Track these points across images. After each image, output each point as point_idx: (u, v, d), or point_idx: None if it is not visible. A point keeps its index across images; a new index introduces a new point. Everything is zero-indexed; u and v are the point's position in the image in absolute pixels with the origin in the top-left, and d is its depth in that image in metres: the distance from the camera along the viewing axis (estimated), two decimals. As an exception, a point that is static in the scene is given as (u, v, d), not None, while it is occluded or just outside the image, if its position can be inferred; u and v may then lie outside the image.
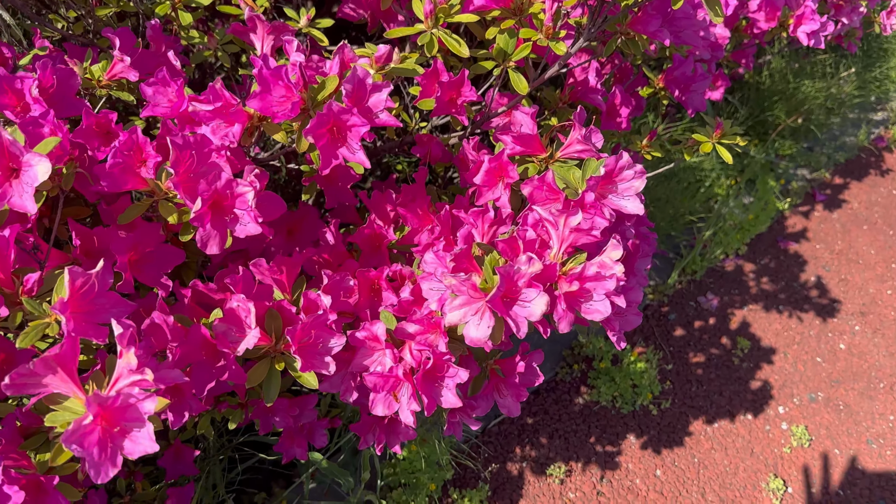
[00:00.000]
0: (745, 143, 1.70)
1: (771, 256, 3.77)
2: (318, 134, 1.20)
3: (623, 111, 1.86)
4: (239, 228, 1.22)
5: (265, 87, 1.19)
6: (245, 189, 1.20)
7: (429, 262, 1.33)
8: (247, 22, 1.52)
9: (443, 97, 1.57)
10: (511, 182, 1.47)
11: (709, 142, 1.73)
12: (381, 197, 1.57)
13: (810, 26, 2.45)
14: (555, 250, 1.32)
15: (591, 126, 1.51)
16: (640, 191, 1.41)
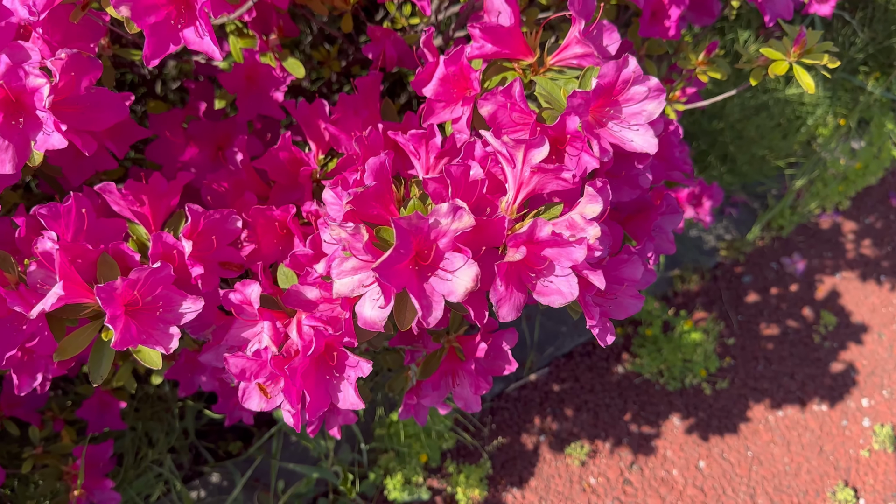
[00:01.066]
0: (862, 77, 1.20)
1: (878, 215, 3.13)
2: (141, 6, 0.80)
3: (673, 11, 1.36)
4: (40, 139, 0.85)
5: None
6: (37, 81, 0.82)
7: (329, 202, 0.93)
8: None
9: (401, -26, 1.13)
10: (475, 95, 1.04)
11: (784, 60, 1.21)
12: (311, 108, 1.17)
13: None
14: (508, 197, 0.89)
15: (599, 20, 1.05)
16: (656, 116, 0.95)
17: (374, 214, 0.89)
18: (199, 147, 1.33)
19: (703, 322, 2.62)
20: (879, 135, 3.12)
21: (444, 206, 0.79)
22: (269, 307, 1.00)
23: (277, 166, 1.13)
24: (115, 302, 0.85)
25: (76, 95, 0.88)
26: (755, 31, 2.73)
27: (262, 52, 1.27)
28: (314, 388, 0.91)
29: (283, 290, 1.03)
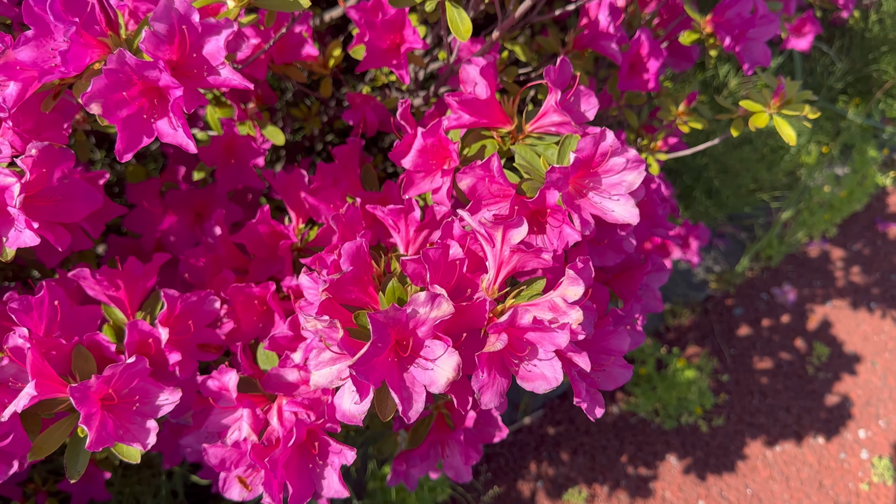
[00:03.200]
0: (842, 104, 1.19)
1: (865, 241, 3.14)
2: (112, 102, 0.78)
3: (651, 64, 1.36)
4: (11, 236, 0.83)
5: (40, 28, 0.78)
6: (7, 180, 0.80)
7: (306, 286, 0.92)
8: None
9: (377, 42, 1.13)
10: (454, 167, 1.02)
11: (764, 112, 1.21)
12: (290, 178, 1.16)
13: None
14: (489, 278, 0.87)
15: (578, 87, 1.04)
16: (636, 187, 0.94)
17: (352, 298, 0.87)
18: (178, 215, 1.32)
19: (697, 358, 2.60)
20: (862, 161, 3.14)
21: (421, 295, 0.78)
22: (249, 391, 0.97)
23: (256, 240, 1.11)
24: (89, 400, 0.83)
25: (49, 188, 0.86)
26: (735, 66, 2.75)
27: (240, 120, 1.25)
28: (296, 479, 0.89)
29: (264, 371, 1.01)
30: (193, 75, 0.82)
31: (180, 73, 0.81)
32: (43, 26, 0.79)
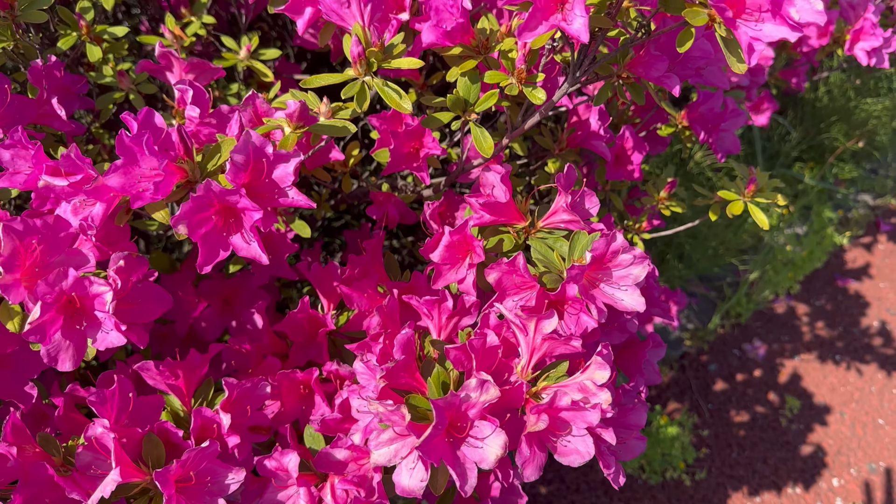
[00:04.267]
0: (797, 169, 1.36)
1: (828, 297, 3.34)
2: (195, 221, 0.90)
3: (635, 157, 1.52)
4: (99, 337, 0.93)
5: (129, 157, 0.90)
6: (101, 289, 0.91)
7: (360, 372, 1.03)
8: (159, 59, 1.24)
9: (400, 149, 1.27)
10: (478, 262, 1.15)
11: (739, 200, 1.37)
12: (324, 271, 1.27)
13: (870, 43, 2.06)
14: (523, 363, 1.00)
15: (582, 189, 1.19)
16: (641, 279, 1.08)
17: (402, 383, 0.98)
18: (210, 301, 1.42)
19: (678, 414, 2.73)
20: (820, 222, 3.36)
21: (472, 381, 0.90)
22: (300, 470, 1.07)
23: (297, 327, 1.22)
24: (169, 483, 0.92)
25: (128, 293, 0.97)
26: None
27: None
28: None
29: (310, 449, 1.11)
30: (265, 197, 0.94)
31: (253, 194, 0.93)
32: (131, 156, 0.91)
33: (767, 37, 0.82)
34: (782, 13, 0.81)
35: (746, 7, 0.83)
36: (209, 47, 1.58)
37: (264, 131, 1.01)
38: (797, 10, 0.81)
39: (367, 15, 1.01)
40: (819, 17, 0.84)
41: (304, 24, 1.14)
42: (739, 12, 0.84)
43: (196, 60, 1.22)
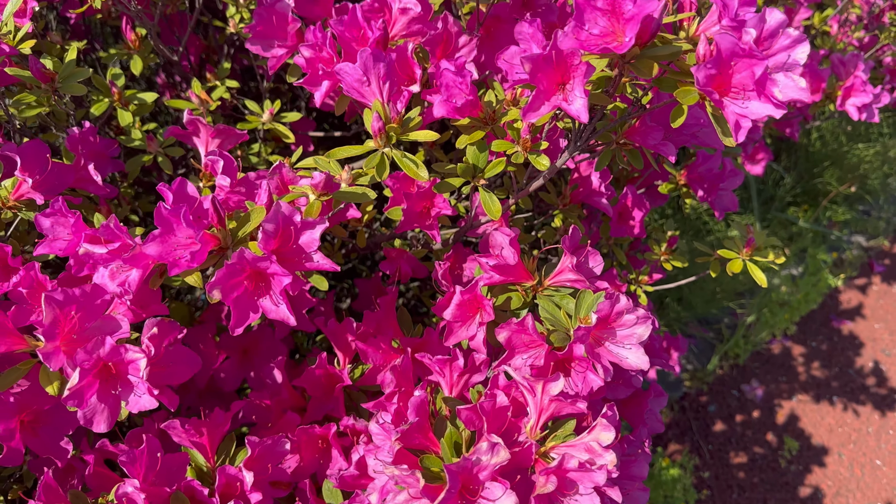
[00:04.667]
0: (792, 212, 1.42)
1: (823, 337, 3.40)
2: (228, 286, 0.96)
3: (636, 214, 1.59)
4: (132, 401, 0.98)
5: (166, 227, 0.96)
6: (136, 356, 0.97)
7: (375, 433, 1.08)
8: (187, 125, 1.31)
9: (412, 208, 1.33)
10: (488, 321, 1.21)
11: (738, 258, 1.44)
12: (341, 327, 1.33)
13: (861, 99, 2.15)
14: (531, 423, 1.05)
15: (587, 249, 1.25)
16: (645, 339, 1.14)
17: (416, 443, 1.04)
18: (229, 353, 1.47)
19: (679, 455, 2.77)
20: (815, 264, 3.43)
21: (483, 444, 0.95)
22: (320, 523, 1.12)
23: (315, 383, 1.28)
24: (197, 542, 0.97)
25: (159, 357, 1.02)
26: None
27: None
28: None
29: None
30: (292, 261, 1.00)
31: (281, 259, 0.99)
32: (168, 226, 0.97)
33: (754, 114, 0.89)
34: (766, 93, 0.87)
35: (732, 87, 0.89)
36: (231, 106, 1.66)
37: (290, 199, 1.08)
38: (780, 89, 0.88)
39: (385, 93, 1.08)
40: (803, 95, 0.91)
41: (321, 96, 1.22)
42: (726, 91, 0.90)
43: (222, 127, 1.29)
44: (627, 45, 0.82)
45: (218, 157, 1.12)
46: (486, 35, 1.30)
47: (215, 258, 1.02)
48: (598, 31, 0.86)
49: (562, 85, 0.97)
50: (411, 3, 1.19)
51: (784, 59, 0.88)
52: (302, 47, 1.18)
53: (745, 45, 0.80)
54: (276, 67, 1.29)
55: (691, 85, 0.90)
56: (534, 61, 0.91)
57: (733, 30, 0.86)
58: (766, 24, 0.87)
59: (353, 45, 1.19)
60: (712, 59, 0.83)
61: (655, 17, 0.83)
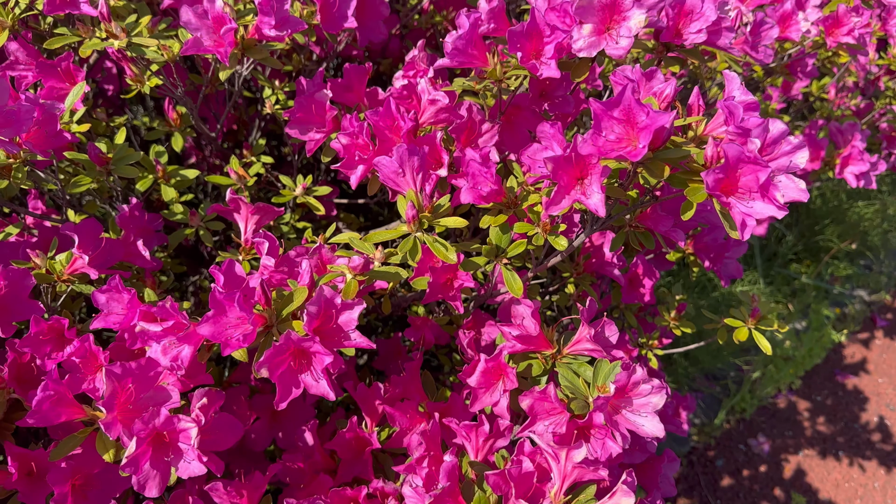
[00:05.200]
0: (794, 267, 1.49)
1: (828, 392, 3.45)
2: (274, 364, 1.05)
3: (647, 282, 1.68)
4: (182, 467, 1.06)
5: (219, 309, 1.05)
6: (187, 425, 1.05)
7: (408, 495, 1.15)
8: (229, 203, 1.41)
9: (436, 280, 1.42)
10: (511, 388, 1.29)
11: (744, 327, 1.52)
12: (369, 391, 1.41)
13: (859, 168, 2.25)
14: (555, 489, 1.12)
15: (603, 320, 1.34)
16: (660, 407, 1.21)
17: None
18: (260, 414, 1.55)
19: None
20: (818, 320, 3.50)
21: (512, 509, 1.02)
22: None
23: (345, 446, 1.35)
24: None
25: (207, 425, 1.10)
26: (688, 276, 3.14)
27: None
28: None
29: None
30: (332, 340, 1.09)
31: (322, 337, 1.08)
32: (221, 308, 1.06)
33: (758, 214, 0.98)
34: (769, 195, 0.97)
35: (739, 188, 0.99)
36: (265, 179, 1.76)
37: (329, 279, 1.17)
38: (782, 193, 0.97)
39: (418, 182, 1.18)
40: (802, 195, 1.01)
41: (357, 179, 1.32)
42: (733, 191, 0.99)
43: (261, 205, 1.39)
44: (641, 152, 0.91)
45: (263, 238, 1.22)
46: (507, 121, 1.40)
47: (261, 336, 1.10)
48: (614, 136, 0.96)
49: (580, 179, 1.07)
50: (440, 95, 1.29)
51: (786, 163, 0.98)
52: (340, 135, 1.29)
53: (751, 154, 0.90)
54: (314, 150, 1.40)
55: (700, 183, 0.99)
56: (556, 161, 1.01)
57: (739, 135, 0.96)
58: (770, 132, 0.96)
59: (387, 133, 1.29)
60: (721, 165, 0.92)
61: (667, 127, 0.93)
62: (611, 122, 0.95)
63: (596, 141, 0.96)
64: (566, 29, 1.17)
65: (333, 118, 1.37)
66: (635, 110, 0.92)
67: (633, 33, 1.13)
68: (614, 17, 1.15)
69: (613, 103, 0.94)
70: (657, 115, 0.91)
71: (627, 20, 1.14)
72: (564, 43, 1.17)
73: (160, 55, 1.29)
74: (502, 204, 1.25)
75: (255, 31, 1.25)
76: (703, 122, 1.06)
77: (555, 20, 1.18)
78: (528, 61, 1.19)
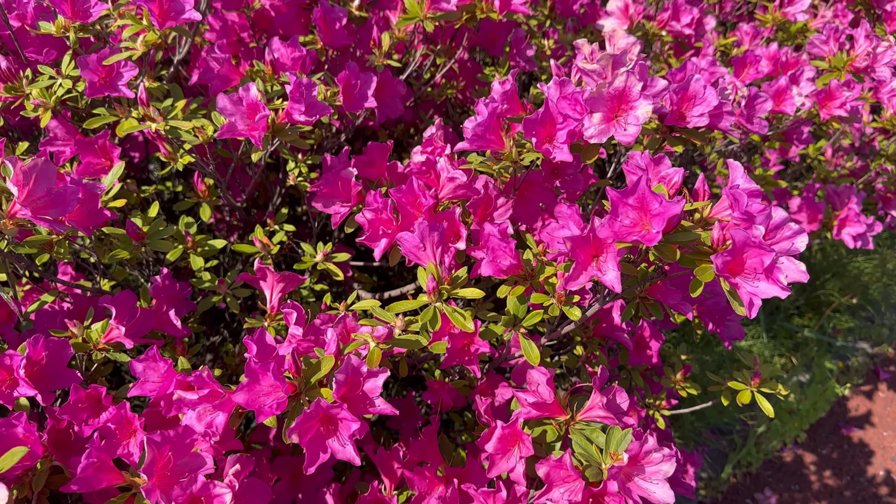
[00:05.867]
0: (796, 321, 1.55)
1: (833, 445, 3.47)
2: (303, 429, 1.10)
3: (653, 345, 1.74)
4: (217, 527, 1.11)
5: (253, 378, 1.11)
6: (222, 491, 1.10)
7: (430, 561, 1.19)
8: (256, 272, 1.48)
9: (454, 346, 1.48)
10: (527, 455, 1.34)
11: (747, 390, 1.58)
12: (388, 455, 1.46)
13: (856, 229, 2.33)
14: (572, 554, 1.16)
15: (614, 387, 1.39)
16: (671, 475, 1.26)
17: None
18: (280, 475, 1.59)
19: (696, 568, 2.81)
20: (821, 373, 3.54)
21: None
22: None
23: (366, 511, 1.39)
24: None
25: (240, 491, 1.15)
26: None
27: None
28: None
29: None
30: (358, 406, 1.14)
31: (348, 403, 1.13)
32: (255, 377, 1.12)
33: (763, 294, 1.05)
34: (773, 277, 1.04)
35: (745, 269, 1.06)
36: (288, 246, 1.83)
37: (354, 347, 1.23)
38: (785, 275, 1.04)
39: (438, 256, 1.25)
40: (803, 277, 1.08)
41: (380, 251, 1.39)
42: (739, 272, 1.06)
43: (287, 274, 1.46)
44: (656, 237, 0.99)
45: (291, 309, 1.28)
46: (521, 195, 1.48)
47: (292, 403, 1.16)
48: (629, 221, 1.04)
49: (596, 256, 1.14)
50: (458, 173, 1.37)
51: (787, 246, 1.05)
52: (365, 210, 1.36)
53: (756, 239, 0.97)
54: (339, 223, 1.47)
55: (708, 263, 1.06)
56: (574, 241, 1.08)
57: (744, 220, 1.03)
58: (773, 219, 1.04)
59: (409, 209, 1.37)
60: (729, 249, 0.99)
61: (678, 214, 1.00)
62: (626, 208, 1.03)
63: (612, 225, 1.03)
64: (577, 117, 1.25)
65: (358, 193, 1.45)
66: (649, 199, 1.00)
67: (640, 122, 1.21)
68: (622, 106, 1.23)
69: (629, 192, 1.01)
70: (669, 204, 0.98)
71: (635, 109, 1.22)
72: (576, 130, 1.25)
73: (195, 138, 1.37)
74: (519, 276, 1.32)
75: (285, 115, 1.34)
76: (708, 206, 1.13)
77: (566, 108, 1.26)
78: (541, 146, 1.28)
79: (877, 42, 2.01)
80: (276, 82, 1.56)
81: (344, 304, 1.47)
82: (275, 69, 1.55)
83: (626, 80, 1.23)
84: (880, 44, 2.03)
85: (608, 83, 1.24)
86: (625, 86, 1.24)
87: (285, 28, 1.84)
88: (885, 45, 2.03)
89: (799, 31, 2.58)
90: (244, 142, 1.51)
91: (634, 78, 1.23)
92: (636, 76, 1.23)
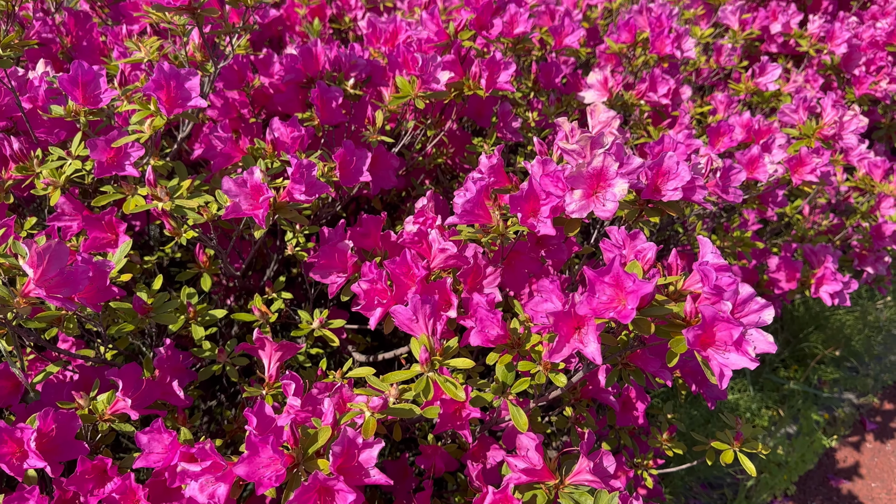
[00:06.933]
0: (783, 372, 1.60)
1: (823, 497, 3.50)
2: (301, 501, 1.15)
3: (639, 405, 1.80)
4: None
5: (253, 451, 1.16)
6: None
7: None
8: (255, 342, 1.54)
9: (446, 411, 1.54)
10: (519, 520, 1.39)
11: (730, 450, 1.64)
12: None
13: (832, 287, 2.42)
14: None
15: (601, 452, 1.45)
16: (655, 535, 1.31)
17: None
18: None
19: None
20: (808, 425, 3.59)
21: None
22: None
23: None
24: None
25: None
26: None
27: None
28: None
29: None
30: (353, 476, 1.20)
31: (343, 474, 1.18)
32: (255, 449, 1.17)
33: (734, 365, 1.12)
34: (742, 349, 1.11)
35: (716, 342, 1.13)
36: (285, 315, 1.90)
37: (350, 417, 1.29)
38: (754, 347, 1.12)
39: (430, 327, 1.32)
40: (771, 348, 1.15)
41: (375, 320, 1.46)
42: (710, 344, 1.13)
43: (284, 343, 1.52)
44: (631, 314, 1.06)
45: (290, 380, 1.34)
46: (508, 264, 1.56)
47: (290, 474, 1.21)
48: (605, 298, 1.11)
49: (578, 329, 1.21)
50: (448, 245, 1.45)
51: (755, 319, 1.13)
52: (361, 281, 1.44)
53: (724, 315, 1.04)
54: (335, 292, 1.54)
55: (682, 336, 1.14)
56: (556, 316, 1.16)
57: (714, 294, 1.11)
58: (740, 294, 1.12)
59: (403, 279, 1.44)
60: (699, 324, 1.07)
61: (651, 292, 1.08)
62: (603, 286, 1.11)
63: (590, 302, 1.10)
64: (559, 193, 1.34)
65: (354, 264, 1.53)
66: (623, 278, 1.08)
67: (618, 198, 1.30)
68: (601, 183, 1.32)
69: (604, 272, 1.09)
70: (641, 283, 1.06)
71: (612, 187, 1.31)
72: (558, 205, 1.34)
73: (200, 216, 1.45)
74: (507, 345, 1.39)
75: (286, 195, 1.42)
76: (681, 279, 1.21)
77: (549, 185, 1.35)
78: (526, 220, 1.36)
79: (843, 111, 2.13)
80: (276, 160, 1.65)
81: (340, 373, 1.53)
82: (275, 147, 1.64)
83: (604, 160, 1.32)
84: (846, 113, 2.15)
85: (587, 163, 1.33)
86: (602, 165, 1.33)
87: (284, 105, 1.94)
88: (850, 114, 2.14)
89: (772, 95, 2.71)
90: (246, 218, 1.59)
91: (611, 158, 1.33)
92: (613, 157, 1.33)
